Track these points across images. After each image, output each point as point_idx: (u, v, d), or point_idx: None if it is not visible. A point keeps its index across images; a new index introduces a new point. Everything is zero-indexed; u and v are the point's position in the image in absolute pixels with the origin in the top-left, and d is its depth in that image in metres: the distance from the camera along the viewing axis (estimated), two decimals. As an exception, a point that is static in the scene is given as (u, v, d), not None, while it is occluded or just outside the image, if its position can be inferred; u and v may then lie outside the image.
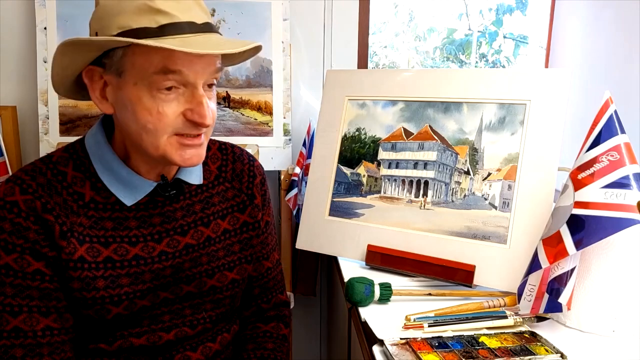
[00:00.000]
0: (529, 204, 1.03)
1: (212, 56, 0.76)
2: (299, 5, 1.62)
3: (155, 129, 0.75)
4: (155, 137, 0.76)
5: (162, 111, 0.75)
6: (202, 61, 0.75)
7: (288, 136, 1.58)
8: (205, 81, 0.77)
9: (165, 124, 0.75)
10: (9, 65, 1.52)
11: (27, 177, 0.79)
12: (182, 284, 0.88)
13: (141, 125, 0.76)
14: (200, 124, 0.76)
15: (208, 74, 0.77)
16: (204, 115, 0.76)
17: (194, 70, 0.74)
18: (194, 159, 0.80)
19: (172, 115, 0.75)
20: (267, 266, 1.02)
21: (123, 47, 0.74)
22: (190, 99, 0.76)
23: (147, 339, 0.85)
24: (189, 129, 0.77)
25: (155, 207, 0.86)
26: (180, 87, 0.75)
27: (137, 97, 0.75)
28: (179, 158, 0.78)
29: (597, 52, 1.63)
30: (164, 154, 0.78)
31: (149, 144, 0.77)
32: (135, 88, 0.74)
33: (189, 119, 0.76)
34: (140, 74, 0.74)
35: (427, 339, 0.84)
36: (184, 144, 0.78)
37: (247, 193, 0.97)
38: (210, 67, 0.77)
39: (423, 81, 1.22)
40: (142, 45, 0.70)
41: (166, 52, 0.72)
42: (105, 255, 0.81)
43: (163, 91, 0.74)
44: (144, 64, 0.73)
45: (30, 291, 0.77)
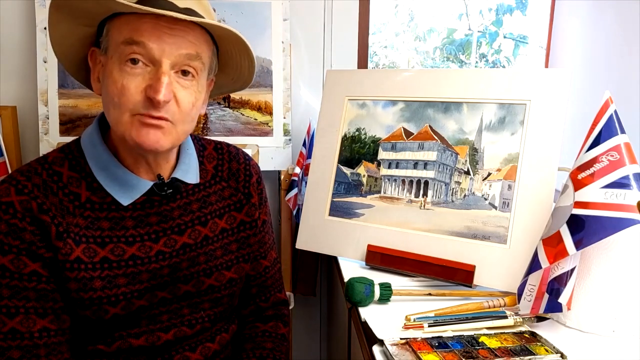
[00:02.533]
0: (529, 204, 1.03)
1: (184, 37, 0.76)
2: (299, 5, 1.62)
3: (119, 103, 0.76)
4: (118, 113, 0.76)
5: (125, 84, 0.75)
6: (171, 38, 0.75)
7: (288, 136, 1.58)
8: (175, 63, 0.76)
9: (126, 99, 0.75)
10: (9, 65, 1.52)
11: (22, 178, 0.79)
12: (180, 284, 0.87)
13: (110, 99, 0.77)
14: (153, 98, 0.74)
15: (177, 55, 0.76)
16: (157, 90, 0.74)
17: (161, 46, 0.74)
18: (151, 138, 0.77)
19: (134, 90, 0.75)
20: (264, 265, 1.02)
21: (108, 21, 0.77)
22: (153, 76, 0.75)
23: (145, 339, 0.85)
24: (146, 107, 0.76)
25: (152, 206, 0.86)
26: (148, 65, 0.76)
27: (110, 70, 0.76)
28: (135, 135, 0.77)
29: (597, 52, 1.63)
30: (123, 132, 0.77)
31: (114, 120, 0.78)
32: (111, 62, 0.76)
33: (147, 96, 0.75)
34: (113, 45, 0.76)
35: (427, 339, 0.83)
36: (142, 122, 0.77)
37: (244, 192, 0.97)
38: (180, 49, 0.76)
39: (423, 81, 1.22)
40: (119, 17, 0.74)
41: (134, 23, 0.74)
42: (101, 255, 0.81)
43: (128, 64, 0.75)
44: (116, 34, 0.76)
45: (27, 292, 0.77)
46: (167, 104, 0.76)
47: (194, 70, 0.79)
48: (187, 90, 0.79)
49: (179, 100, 0.78)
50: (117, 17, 0.76)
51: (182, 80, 0.78)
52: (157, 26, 0.74)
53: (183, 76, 0.78)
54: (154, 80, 0.75)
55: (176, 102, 0.78)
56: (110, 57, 0.77)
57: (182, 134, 0.82)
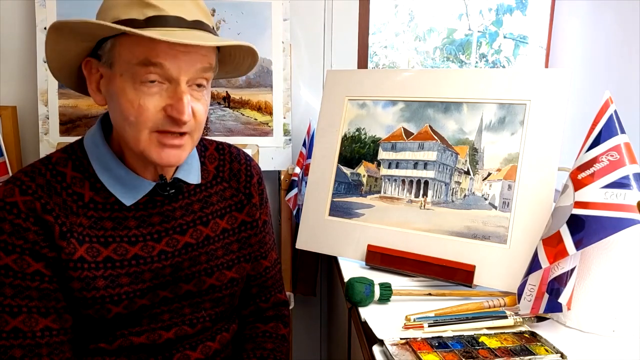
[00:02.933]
0: (529, 204, 1.03)
1: (197, 52, 0.76)
2: (299, 5, 1.62)
3: (137, 122, 0.75)
4: (136, 131, 0.76)
5: (142, 104, 0.75)
6: (186, 56, 0.75)
7: (288, 136, 1.58)
8: (191, 79, 0.77)
9: (145, 118, 0.75)
10: (9, 65, 1.52)
11: (26, 179, 0.79)
12: (182, 283, 0.88)
13: (124, 117, 0.76)
14: (178, 119, 0.75)
15: (193, 71, 0.76)
16: (182, 111, 0.75)
17: (177, 65, 0.74)
18: (172, 159, 0.79)
19: (153, 110, 0.75)
20: (265, 265, 1.02)
21: (112, 38, 0.75)
22: (172, 95, 0.76)
23: (147, 337, 0.86)
24: (168, 125, 0.76)
25: (154, 206, 0.86)
26: (164, 83, 0.75)
27: (122, 88, 0.75)
28: (156, 156, 0.78)
29: (597, 52, 1.63)
30: (143, 150, 0.78)
31: (131, 138, 0.78)
32: (121, 79, 0.75)
33: (169, 115, 0.76)
34: (125, 65, 0.75)
35: (427, 339, 0.84)
36: (163, 143, 0.77)
37: (245, 192, 0.97)
38: (196, 65, 0.76)
39: (423, 81, 1.22)
40: (127, 36, 0.72)
41: (149, 44, 0.72)
42: (105, 255, 0.81)
43: (146, 84, 0.74)
44: (128, 54, 0.74)
45: (30, 292, 0.77)
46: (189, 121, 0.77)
47: (205, 82, 0.80)
48: (201, 101, 0.80)
49: (195, 113, 0.78)
50: (126, 35, 0.74)
51: (197, 92, 0.79)
52: (172, 46, 0.73)
53: (197, 88, 0.79)
54: (175, 100, 0.75)
55: (193, 115, 0.78)
56: (119, 74, 0.76)
57: (197, 141, 0.84)
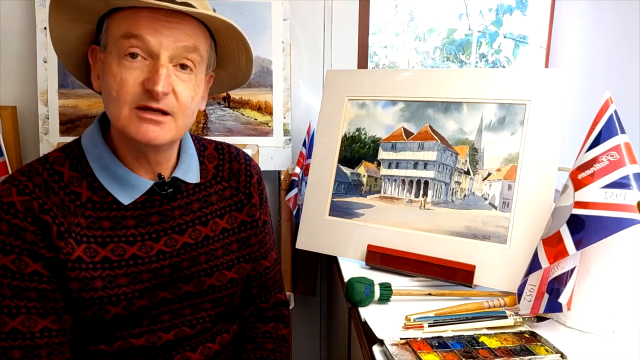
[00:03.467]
0: (529, 204, 1.03)
1: (182, 30, 0.76)
2: (299, 5, 1.62)
3: (117, 96, 0.76)
4: (117, 107, 0.77)
5: (124, 78, 0.75)
6: (169, 31, 0.75)
7: (288, 136, 1.58)
8: (173, 56, 0.77)
9: (125, 92, 0.75)
10: (9, 65, 1.52)
11: (23, 178, 0.79)
12: (181, 284, 0.88)
13: (108, 92, 0.77)
14: (152, 90, 0.75)
15: (175, 47, 0.76)
16: (156, 82, 0.74)
17: (159, 39, 0.75)
18: (150, 134, 0.77)
19: (132, 83, 0.75)
20: (265, 265, 1.02)
21: (107, 17, 0.78)
22: (151, 69, 0.76)
23: (146, 339, 0.85)
24: (145, 99, 0.76)
25: (152, 206, 0.86)
26: (147, 59, 0.76)
27: (109, 65, 0.77)
28: (134, 131, 0.77)
29: (597, 52, 1.63)
30: (123, 127, 0.78)
31: (114, 115, 0.78)
32: (110, 57, 0.77)
33: (146, 88, 0.75)
34: (112, 40, 0.77)
35: (427, 339, 0.84)
36: (141, 117, 0.77)
37: (245, 192, 0.97)
38: (178, 41, 0.76)
39: (423, 81, 1.22)
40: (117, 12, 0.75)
41: (132, 17, 0.74)
42: (102, 255, 0.81)
43: (127, 58, 0.75)
44: (114, 29, 0.76)
45: (28, 292, 0.77)
46: (165, 96, 0.76)
47: (192, 64, 0.79)
48: (186, 83, 0.79)
49: (177, 94, 0.78)
50: (116, 13, 0.77)
51: (181, 73, 0.79)
52: (155, 19, 0.74)
53: (182, 69, 0.79)
54: (152, 72, 0.75)
55: (175, 96, 0.78)
56: (109, 52, 0.77)
57: (182, 128, 0.82)
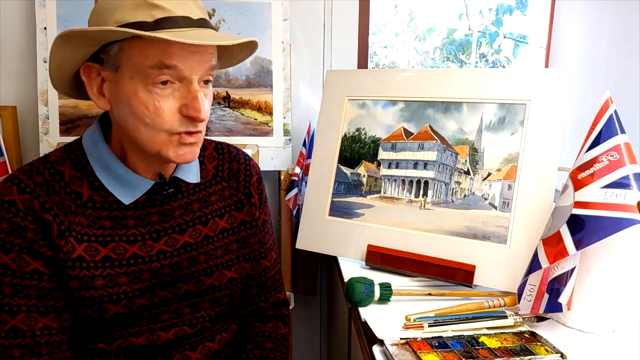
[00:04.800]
0: (529, 204, 1.03)
1: (206, 51, 0.77)
2: (299, 5, 1.62)
3: (153, 124, 0.76)
4: (152, 133, 0.77)
5: (159, 106, 0.75)
6: (197, 56, 0.75)
7: (288, 136, 1.58)
8: (201, 77, 0.77)
9: (162, 120, 0.76)
10: (9, 65, 1.52)
11: (24, 177, 0.79)
12: (181, 283, 0.88)
13: (139, 119, 0.76)
14: (196, 117, 0.76)
15: (203, 69, 0.77)
16: (198, 109, 0.76)
17: (189, 65, 0.75)
18: (188, 156, 0.80)
19: (169, 112, 0.76)
20: (264, 265, 1.02)
21: (119, 41, 0.74)
22: (186, 94, 0.76)
23: (146, 338, 0.85)
24: (185, 125, 0.77)
25: (153, 205, 0.86)
26: (175, 82, 0.76)
27: (133, 90, 0.75)
28: (174, 155, 0.79)
29: (597, 52, 1.63)
30: (159, 150, 0.78)
31: (146, 139, 0.78)
32: (132, 82, 0.75)
33: (185, 115, 0.76)
34: (136, 68, 0.74)
35: (427, 339, 0.84)
36: (184, 142, 0.79)
37: (244, 192, 0.97)
38: (205, 63, 0.77)
39: (423, 81, 1.22)
40: (138, 38, 0.72)
41: (162, 47, 0.73)
42: (103, 254, 0.81)
43: (158, 85, 0.75)
44: (139, 58, 0.74)
45: (29, 291, 0.77)
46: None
47: (211, 77, 0.81)
48: (208, 97, 0.80)
49: (206, 110, 0.79)
50: (136, 38, 0.73)
51: (204, 88, 0.79)
52: (184, 47, 0.73)
53: (205, 85, 0.80)
54: (189, 99, 0.76)
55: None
56: (128, 76, 0.75)
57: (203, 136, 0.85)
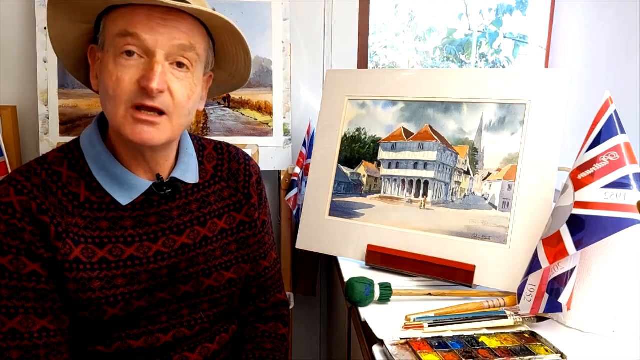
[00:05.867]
0: (529, 204, 1.03)
1: (177, 28, 0.76)
2: (299, 5, 1.62)
3: (114, 95, 0.76)
4: (114, 106, 0.76)
5: (120, 76, 0.75)
6: (164, 29, 0.75)
7: (288, 136, 1.58)
8: (169, 54, 0.76)
9: (121, 90, 0.75)
10: (9, 65, 1.52)
11: (21, 178, 0.79)
12: (179, 284, 0.87)
13: (105, 92, 0.77)
14: (146, 87, 0.74)
15: (170, 46, 0.76)
16: (151, 79, 0.74)
17: (154, 37, 0.75)
18: (145, 136, 0.77)
19: (128, 81, 0.75)
20: (264, 265, 1.02)
21: (104, 15, 0.77)
22: (147, 67, 0.76)
23: (145, 340, 0.85)
24: (141, 97, 0.76)
25: (150, 206, 0.86)
26: (143, 57, 0.76)
27: (106, 64, 0.77)
28: (129, 132, 0.77)
29: (597, 52, 1.63)
30: (119, 127, 0.77)
31: (110, 115, 0.78)
32: (107, 56, 0.77)
33: (141, 86, 0.75)
34: (109, 39, 0.76)
35: (427, 339, 0.83)
36: (137, 118, 0.77)
37: (244, 192, 0.97)
38: (174, 39, 0.76)
39: (423, 81, 1.22)
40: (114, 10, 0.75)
41: (128, 15, 0.74)
42: (100, 256, 0.81)
43: (124, 56, 0.75)
44: (111, 27, 0.76)
45: (26, 292, 0.77)
46: (161, 94, 0.76)
47: (188, 62, 0.79)
48: (182, 82, 0.79)
49: (173, 92, 0.78)
50: (113, 11, 0.77)
51: (177, 71, 0.78)
52: (150, 17, 0.74)
53: (178, 68, 0.78)
54: (148, 70, 0.75)
55: (170, 94, 0.77)
56: (106, 51, 0.77)
57: (178, 127, 0.82)
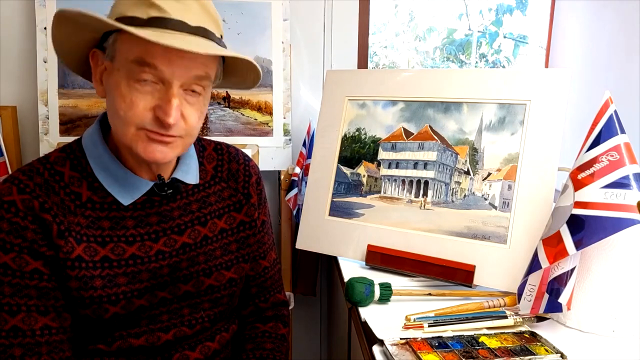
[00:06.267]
0: (529, 204, 1.03)
1: (195, 59, 0.75)
2: (299, 5, 1.62)
3: (125, 117, 0.76)
4: (124, 126, 0.77)
5: (133, 101, 0.75)
6: (182, 61, 0.74)
7: (288, 136, 1.58)
8: (184, 84, 0.76)
9: (133, 114, 0.75)
10: (9, 65, 1.52)
11: (24, 177, 0.79)
12: (180, 283, 0.88)
13: (115, 110, 0.77)
14: (163, 121, 0.75)
15: (187, 77, 0.76)
16: (168, 114, 0.74)
17: (171, 69, 0.74)
18: (157, 155, 0.78)
19: (142, 108, 0.75)
20: (264, 265, 1.02)
21: (115, 32, 0.76)
22: (162, 96, 0.75)
23: (146, 339, 0.85)
24: (155, 126, 0.76)
25: (152, 206, 0.86)
26: (157, 84, 0.75)
27: (117, 83, 0.76)
28: (142, 150, 0.78)
29: (597, 52, 1.63)
30: (130, 145, 0.78)
31: (119, 132, 0.78)
32: (118, 74, 0.76)
33: (156, 115, 0.75)
34: (122, 60, 0.76)
35: (427, 339, 0.84)
36: (150, 138, 0.77)
37: (243, 192, 0.97)
38: (190, 71, 0.76)
39: (423, 81, 1.22)
40: (128, 32, 0.72)
41: (145, 44, 0.72)
42: (102, 254, 0.81)
43: (139, 82, 0.75)
44: (125, 51, 0.75)
45: (29, 290, 0.77)
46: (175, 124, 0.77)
47: (201, 89, 0.79)
48: (194, 106, 0.79)
49: (186, 117, 0.78)
50: (126, 32, 0.74)
51: (190, 97, 0.78)
52: (167, 49, 0.72)
53: (191, 93, 0.79)
54: (164, 101, 0.75)
55: (183, 119, 0.78)
56: (117, 68, 0.76)
57: (188, 144, 0.84)
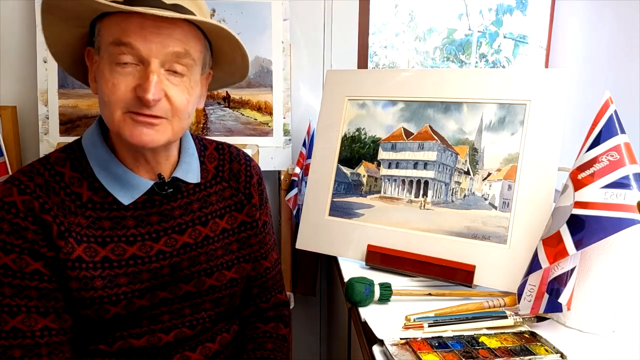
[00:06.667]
0: (529, 204, 1.03)
1: (170, 35, 0.76)
2: (299, 5, 1.62)
3: (109, 102, 0.76)
4: (110, 111, 0.77)
5: (115, 84, 0.75)
6: (157, 37, 0.75)
7: (288, 136, 1.58)
8: (164, 62, 0.76)
9: (117, 97, 0.75)
10: (9, 65, 1.52)
11: (24, 178, 0.79)
12: (181, 283, 0.88)
13: (102, 98, 0.77)
14: (143, 98, 0.74)
15: (165, 54, 0.76)
16: (147, 89, 0.74)
17: (148, 46, 0.74)
18: (144, 138, 0.78)
19: (124, 89, 0.75)
20: (265, 266, 1.02)
21: (98, 20, 0.77)
22: (142, 75, 0.76)
23: (147, 340, 0.85)
24: (137, 106, 0.76)
25: (152, 206, 0.86)
26: (138, 65, 0.76)
27: (102, 70, 0.77)
28: (129, 134, 0.77)
29: (597, 52, 1.63)
30: (118, 129, 0.78)
31: (108, 119, 0.79)
32: (102, 62, 0.77)
33: (137, 95, 0.75)
34: (104, 47, 0.76)
35: (427, 339, 0.84)
36: (135, 120, 0.77)
37: (245, 192, 0.97)
38: (167, 47, 0.76)
39: (423, 81, 1.22)
40: (108, 17, 0.74)
41: (121, 24, 0.74)
42: (102, 255, 0.81)
43: (120, 65, 0.75)
44: (106, 35, 0.76)
45: (29, 291, 0.77)
46: (157, 102, 0.76)
47: (184, 68, 0.79)
48: (178, 87, 0.79)
49: (170, 98, 0.78)
50: (107, 17, 0.76)
51: (173, 77, 0.78)
52: (143, 25, 0.73)
53: (174, 74, 0.78)
54: (143, 79, 0.75)
55: (168, 100, 0.78)
56: (102, 57, 0.77)
57: (179, 129, 0.82)
